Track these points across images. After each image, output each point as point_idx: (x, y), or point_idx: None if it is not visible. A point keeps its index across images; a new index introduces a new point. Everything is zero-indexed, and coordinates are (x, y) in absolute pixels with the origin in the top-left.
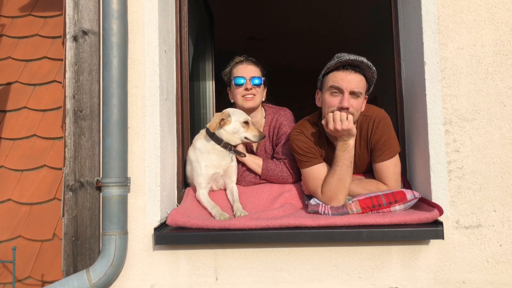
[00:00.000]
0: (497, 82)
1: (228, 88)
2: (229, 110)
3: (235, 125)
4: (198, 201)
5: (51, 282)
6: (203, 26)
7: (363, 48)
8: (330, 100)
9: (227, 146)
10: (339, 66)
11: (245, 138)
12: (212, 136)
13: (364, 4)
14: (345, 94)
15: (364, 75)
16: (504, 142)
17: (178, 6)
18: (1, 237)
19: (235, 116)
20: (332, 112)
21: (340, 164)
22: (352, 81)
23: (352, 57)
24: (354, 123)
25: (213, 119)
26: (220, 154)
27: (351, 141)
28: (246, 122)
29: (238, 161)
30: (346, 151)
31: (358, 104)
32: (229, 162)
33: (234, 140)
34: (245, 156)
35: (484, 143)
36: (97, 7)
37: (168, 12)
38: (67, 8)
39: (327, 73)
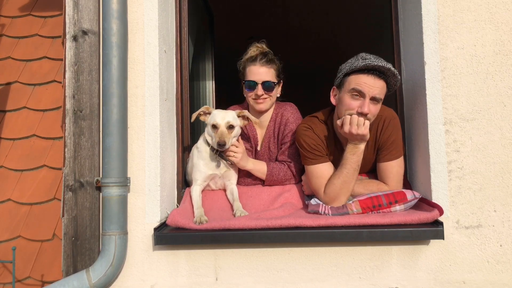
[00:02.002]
0: (497, 82)
1: (243, 81)
2: (214, 110)
3: (208, 127)
4: (190, 195)
5: (51, 282)
6: (203, 26)
7: (362, 48)
8: (350, 102)
9: (214, 149)
10: (364, 69)
11: (213, 143)
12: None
13: (364, 4)
14: (366, 99)
15: (386, 82)
16: (505, 142)
17: (178, 6)
18: (1, 237)
19: (211, 118)
20: (350, 114)
21: (348, 167)
22: (375, 87)
23: (380, 62)
24: None
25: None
26: (212, 156)
27: (362, 146)
28: (215, 127)
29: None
30: (356, 155)
31: (376, 110)
32: (214, 167)
33: (212, 142)
34: (231, 164)
35: (484, 143)
36: (97, 7)
37: (168, 12)
38: (67, 8)
39: (349, 73)
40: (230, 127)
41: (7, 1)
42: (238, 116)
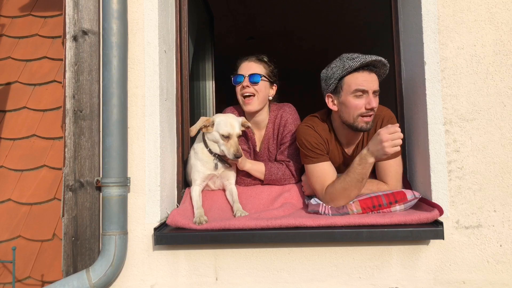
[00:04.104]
0: (497, 82)
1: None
2: (218, 118)
3: (215, 135)
4: (190, 196)
5: (51, 282)
6: (203, 26)
7: (362, 49)
8: (357, 103)
9: (212, 151)
10: (358, 68)
11: (222, 151)
12: (204, 139)
13: (364, 5)
14: (370, 95)
15: (377, 73)
16: (504, 142)
17: (178, 6)
18: (1, 237)
19: (219, 126)
20: (361, 115)
21: (351, 176)
22: (373, 81)
23: (373, 57)
24: (372, 125)
25: (196, 124)
26: (210, 158)
27: (372, 160)
28: (226, 136)
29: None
30: (361, 166)
31: (378, 102)
32: (212, 169)
33: (214, 148)
34: (230, 166)
35: (484, 143)
36: (97, 7)
37: (168, 12)
38: (67, 8)
39: (344, 76)
40: (238, 135)
41: (7, 1)
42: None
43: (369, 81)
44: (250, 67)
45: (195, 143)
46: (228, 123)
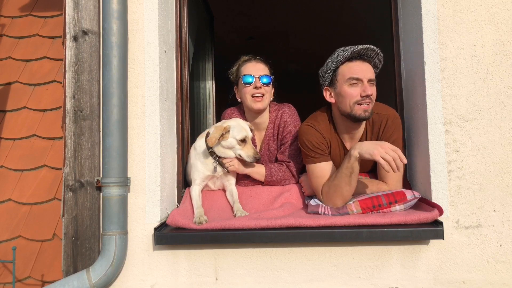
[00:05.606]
0: (497, 82)
1: (235, 86)
2: (230, 124)
3: (231, 142)
4: (190, 195)
5: (51, 282)
6: (203, 26)
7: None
8: (352, 91)
9: (213, 154)
10: (351, 57)
11: (239, 155)
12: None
13: (364, 5)
14: (365, 82)
15: (371, 63)
16: (504, 142)
17: (178, 6)
18: (1, 237)
19: (234, 132)
20: (357, 102)
21: (340, 171)
22: (367, 70)
23: (364, 46)
24: (371, 113)
25: (213, 133)
26: (210, 160)
27: (356, 153)
28: (243, 140)
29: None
30: (347, 159)
31: (375, 91)
32: (212, 171)
33: (228, 154)
34: (228, 172)
35: (484, 143)
36: (97, 7)
37: (168, 12)
38: (67, 8)
39: (337, 67)
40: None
41: (7, 1)
42: None
43: (363, 69)
44: (258, 68)
45: (196, 142)
46: (241, 127)
